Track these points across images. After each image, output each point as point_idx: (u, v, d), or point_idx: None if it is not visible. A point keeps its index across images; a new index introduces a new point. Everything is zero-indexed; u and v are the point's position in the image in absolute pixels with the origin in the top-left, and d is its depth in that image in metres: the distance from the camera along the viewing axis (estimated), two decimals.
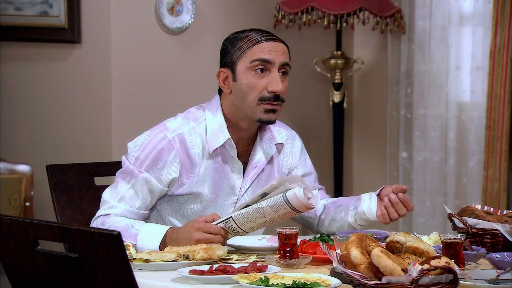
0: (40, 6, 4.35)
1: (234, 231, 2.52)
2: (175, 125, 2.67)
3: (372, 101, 5.08)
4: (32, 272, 2.08)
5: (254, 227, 2.52)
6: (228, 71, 2.67)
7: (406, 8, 4.81)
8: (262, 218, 2.48)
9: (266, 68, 2.64)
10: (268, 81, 2.63)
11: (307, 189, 2.48)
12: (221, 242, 2.50)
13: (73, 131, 4.35)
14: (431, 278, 1.94)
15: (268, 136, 2.74)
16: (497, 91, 4.48)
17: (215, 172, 2.67)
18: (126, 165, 2.66)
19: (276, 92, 2.62)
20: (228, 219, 2.51)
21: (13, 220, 2.07)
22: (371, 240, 2.10)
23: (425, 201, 4.82)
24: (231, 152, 2.68)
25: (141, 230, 2.58)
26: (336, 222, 2.80)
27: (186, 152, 2.64)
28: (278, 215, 2.47)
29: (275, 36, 2.70)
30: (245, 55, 2.64)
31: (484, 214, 2.63)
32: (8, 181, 4.14)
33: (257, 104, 2.63)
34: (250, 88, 2.63)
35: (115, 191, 2.66)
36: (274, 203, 2.46)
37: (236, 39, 2.68)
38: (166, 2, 4.35)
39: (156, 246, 2.55)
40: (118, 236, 1.91)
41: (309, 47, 4.89)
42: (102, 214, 2.66)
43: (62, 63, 4.37)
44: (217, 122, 2.67)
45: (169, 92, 4.41)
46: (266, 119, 2.64)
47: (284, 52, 2.68)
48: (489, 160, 4.52)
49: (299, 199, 2.44)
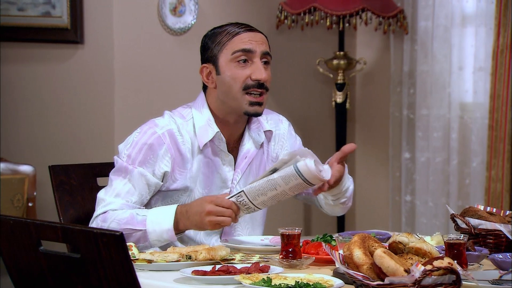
0: (43, 6, 4.35)
1: (245, 205, 2.50)
2: (164, 122, 2.70)
3: (375, 101, 5.08)
4: (34, 273, 2.08)
5: (266, 201, 2.50)
6: (211, 65, 2.70)
7: (408, 9, 4.81)
8: (273, 190, 2.48)
9: (248, 58, 2.66)
10: (252, 70, 2.66)
11: (318, 162, 2.48)
12: (232, 218, 2.50)
13: (75, 131, 4.35)
14: (433, 279, 1.94)
15: (255, 125, 2.77)
16: (500, 91, 4.48)
17: (206, 167, 2.69)
18: (119, 163, 2.67)
19: (260, 80, 2.65)
20: (240, 193, 2.50)
21: (16, 220, 2.08)
22: (373, 241, 2.10)
23: (427, 201, 4.82)
24: (220, 146, 2.70)
25: (148, 215, 2.58)
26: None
27: (176, 147, 2.66)
28: (289, 187, 2.47)
29: (253, 27, 2.73)
30: (226, 48, 2.67)
31: (487, 214, 2.63)
32: (10, 181, 4.15)
33: (242, 94, 2.65)
34: (233, 79, 2.66)
35: (111, 189, 2.67)
36: (285, 174, 2.46)
37: (214, 34, 2.71)
38: (169, 3, 4.35)
39: (170, 225, 2.55)
40: (121, 236, 1.91)
41: (312, 48, 4.89)
42: (99, 213, 2.64)
43: (65, 63, 4.38)
44: (204, 118, 2.70)
45: (171, 93, 4.41)
46: (253, 111, 2.66)
47: (264, 42, 2.70)
48: (491, 160, 4.51)
49: (310, 169, 2.44)
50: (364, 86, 5.11)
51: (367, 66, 4.96)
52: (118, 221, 2.60)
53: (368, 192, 5.12)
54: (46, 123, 4.42)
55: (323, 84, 4.97)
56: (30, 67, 4.46)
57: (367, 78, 5.09)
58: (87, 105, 4.32)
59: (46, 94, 4.42)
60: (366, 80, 5.10)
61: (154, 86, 4.36)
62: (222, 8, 4.57)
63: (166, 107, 4.38)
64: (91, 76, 4.31)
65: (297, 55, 4.76)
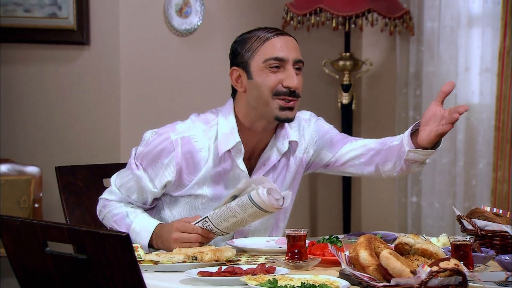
0: (49, 8, 4.36)
1: (212, 231, 2.55)
2: (183, 127, 2.67)
3: (381, 102, 5.08)
4: (41, 274, 2.08)
5: (229, 227, 2.54)
6: (241, 70, 2.65)
7: (414, 10, 4.81)
8: (234, 217, 2.51)
9: (281, 65, 2.63)
10: (284, 76, 2.62)
11: (274, 190, 2.48)
12: (199, 241, 2.53)
13: (82, 132, 4.36)
14: (440, 280, 1.94)
15: (282, 133, 2.72)
16: (506, 92, 4.47)
17: (217, 175, 2.67)
18: (131, 157, 2.71)
19: (291, 88, 2.61)
20: (205, 219, 2.54)
21: (22, 221, 2.08)
22: (379, 242, 2.10)
23: (434, 202, 4.82)
24: (236, 157, 2.66)
25: (134, 222, 2.64)
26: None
27: (190, 155, 2.64)
28: (248, 214, 2.49)
29: (283, 31, 2.70)
30: (257, 54, 2.62)
31: (493, 216, 2.63)
32: (17, 182, 4.16)
33: (272, 99, 2.60)
34: (265, 84, 2.61)
35: (120, 177, 2.73)
36: (242, 203, 2.49)
37: (244, 40, 2.67)
38: (175, 4, 4.35)
39: (146, 242, 2.60)
40: (127, 237, 1.91)
41: (318, 49, 4.89)
42: (104, 197, 2.74)
43: (71, 65, 4.38)
44: (229, 125, 2.65)
45: (177, 94, 4.41)
46: (284, 117, 2.62)
47: (296, 48, 2.67)
48: (498, 161, 4.50)
49: (262, 199, 2.45)
50: (370, 87, 5.11)
51: (373, 67, 4.96)
52: (112, 215, 2.70)
53: (374, 194, 5.12)
54: (52, 124, 4.43)
55: (329, 85, 4.97)
56: (36, 69, 4.46)
57: (373, 79, 5.08)
58: (93, 106, 4.32)
59: (52, 95, 4.43)
60: (372, 81, 5.09)
61: (160, 87, 4.36)
62: (228, 9, 4.57)
63: (172, 108, 4.40)
64: (97, 77, 4.31)
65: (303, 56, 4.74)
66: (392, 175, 2.75)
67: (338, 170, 2.83)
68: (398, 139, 2.70)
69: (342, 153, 2.78)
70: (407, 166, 2.69)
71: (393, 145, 2.71)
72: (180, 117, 2.78)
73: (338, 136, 2.81)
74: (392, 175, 2.75)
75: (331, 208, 5.02)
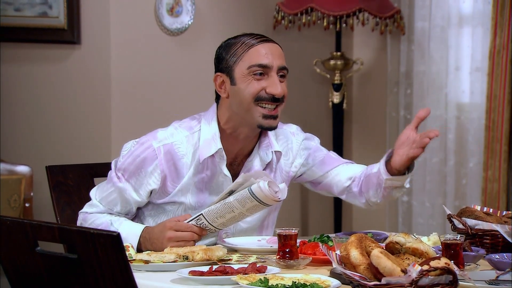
0: (40, 7, 4.35)
1: (206, 227, 2.55)
2: (165, 134, 2.66)
3: (372, 101, 5.08)
4: (31, 273, 2.08)
5: (225, 223, 2.54)
6: (225, 76, 2.65)
7: (405, 9, 4.81)
8: (231, 213, 2.51)
9: (265, 72, 2.62)
10: (267, 84, 2.62)
11: (273, 183, 2.50)
12: (193, 239, 2.53)
13: (72, 132, 4.35)
14: (430, 279, 1.95)
15: (266, 142, 2.71)
16: (497, 92, 4.48)
17: (200, 182, 2.66)
18: (112, 169, 2.69)
19: (275, 95, 2.61)
20: (199, 216, 2.54)
21: (13, 221, 2.07)
22: (370, 241, 2.10)
23: (424, 202, 4.82)
24: (219, 163, 2.65)
25: (119, 228, 2.62)
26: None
27: (172, 162, 2.63)
28: (246, 208, 2.50)
29: (268, 38, 2.69)
30: (242, 60, 2.62)
31: (484, 215, 2.63)
32: (7, 182, 4.14)
33: (254, 105, 2.60)
34: (247, 90, 2.61)
35: (100, 190, 2.71)
36: (241, 197, 2.49)
37: (229, 45, 2.66)
38: (166, 3, 4.35)
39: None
40: (118, 237, 1.91)
41: (309, 48, 4.90)
42: (84, 211, 2.72)
43: (62, 64, 4.37)
44: (211, 131, 2.64)
45: (168, 93, 4.41)
46: (267, 125, 2.62)
47: (281, 55, 2.66)
48: (488, 161, 4.52)
49: (263, 192, 2.46)
50: (361, 87, 5.11)
51: (364, 66, 4.96)
52: (95, 225, 2.67)
53: None
54: (43, 123, 4.42)
55: (320, 84, 4.97)
56: (26, 68, 4.45)
57: (364, 78, 5.09)
58: (84, 105, 4.32)
59: (43, 95, 4.42)
60: (363, 80, 5.10)
61: (151, 86, 4.36)
62: (219, 8, 4.57)
63: (163, 107, 4.40)
64: (88, 77, 4.31)
65: (294, 56, 4.76)
66: (377, 202, 2.76)
67: (327, 192, 2.86)
68: (376, 167, 2.72)
69: (332, 175, 2.80)
70: (388, 192, 2.71)
71: (372, 172, 2.73)
72: (171, 116, 2.78)
73: (330, 156, 2.82)
74: (377, 202, 2.77)
75: (322, 207, 5.02)
